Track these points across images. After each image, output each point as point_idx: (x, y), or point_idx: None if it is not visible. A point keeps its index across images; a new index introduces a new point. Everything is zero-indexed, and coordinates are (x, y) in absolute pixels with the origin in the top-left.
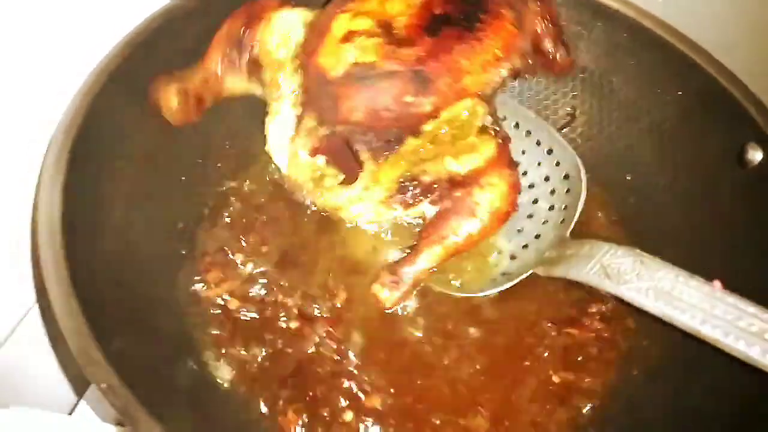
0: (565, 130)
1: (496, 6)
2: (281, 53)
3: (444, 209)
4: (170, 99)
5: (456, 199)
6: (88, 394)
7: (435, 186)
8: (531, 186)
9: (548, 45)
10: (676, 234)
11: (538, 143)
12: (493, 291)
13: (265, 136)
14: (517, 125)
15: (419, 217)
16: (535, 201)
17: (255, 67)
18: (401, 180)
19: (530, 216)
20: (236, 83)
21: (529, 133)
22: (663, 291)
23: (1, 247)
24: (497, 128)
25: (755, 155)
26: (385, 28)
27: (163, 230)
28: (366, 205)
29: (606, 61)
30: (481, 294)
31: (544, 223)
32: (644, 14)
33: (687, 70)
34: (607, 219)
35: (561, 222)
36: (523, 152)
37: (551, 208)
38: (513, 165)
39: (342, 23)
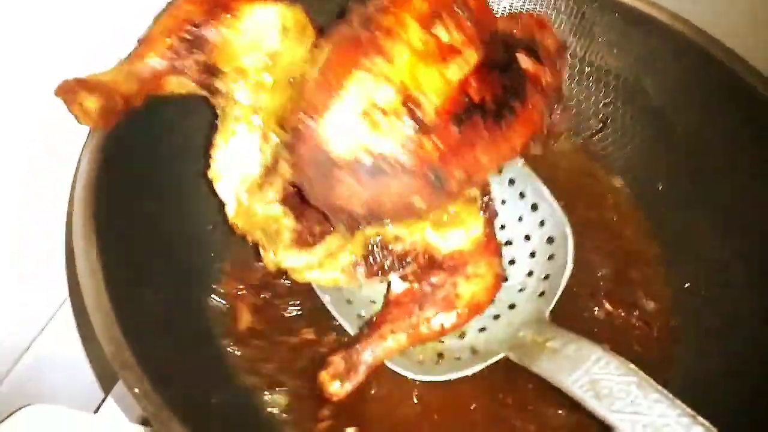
0: (596, 138)
1: (531, 93)
2: (247, 60)
3: (417, 291)
4: (87, 102)
5: (434, 285)
6: (115, 392)
7: (409, 260)
8: (508, 243)
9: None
10: (705, 247)
11: (522, 195)
12: (458, 374)
13: (208, 156)
14: (499, 170)
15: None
16: (512, 262)
17: (208, 72)
18: (370, 245)
19: (504, 279)
20: (179, 84)
21: (512, 182)
22: None
23: (35, 243)
24: (488, 202)
25: None
26: (412, 107)
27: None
28: (325, 272)
29: (638, 68)
30: (443, 378)
31: (520, 290)
32: (677, 18)
33: (723, 77)
34: (638, 229)
35: (539, 295)
36: (503, 202)
37: (530, 273)
38: (500, 251)
39: (362, 87)
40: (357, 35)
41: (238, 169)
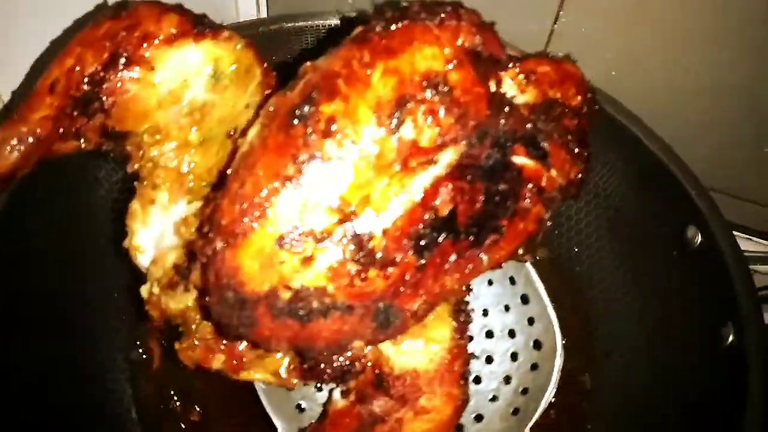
0: None
1: (529, 201)
2: (165, 115)
3: (357, 415)
4: None
5: (376, 415)
6: None
7: (353, 370)
8: (489, 335)
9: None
10: (610, 303)
11: (513, 281)
12: None
13: (125, 226)
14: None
15: None
16: (489, 360)
17: (111, 135)
18: None
19: (477, 381)
20: (73, 148)
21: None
22: None
23: None
24: (462, 307)
25: (695, 237)
26: (353, 230)
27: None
28: (254, 373)
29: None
30: None
31: (492, 399)
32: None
33: (638, 152)
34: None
35: (512, 413)
36: (490, 283)
37: (507, 379)
38: (466, 374)
39: (286, 202)
40: (291, 125)
41: (157, 243)
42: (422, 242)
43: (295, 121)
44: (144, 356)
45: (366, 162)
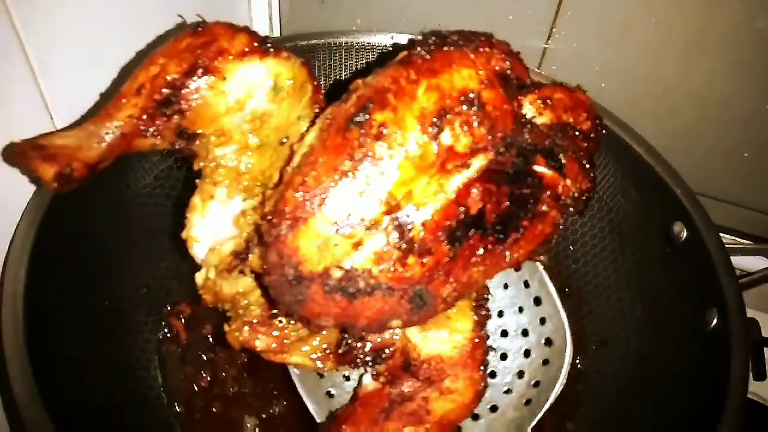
0: None
1: (546, 206)
2: (231, 120)
3: (386, 396)
4: (41, 169)
5: (404, 395)
6: None
7: (384, 356)
8: (503, 334)
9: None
10: (603, 296)
11: (527, 285)
12: None
13: (185, 218)
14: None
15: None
16: (504, 356)
17: (184, 135)
18: (344, 335)
19: (492, 375)
20: (152, 144)
21: (519, 267)
22: None
23: None
24: (482, 301)
25: (681, 233)
26: (397, 220)
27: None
28: (294, 356)
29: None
30: None
31: (506, 391)
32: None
33: (627, 156)
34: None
35: (525, 403)
36: (506, 287)
37: (520, 374)
38: (486, 362)
39: (342, 193)
40: (347, 129)
41: (213, 235)
42: (455, 235)
43: (352, 126)
44: (170, 338)
45: (410, 162)
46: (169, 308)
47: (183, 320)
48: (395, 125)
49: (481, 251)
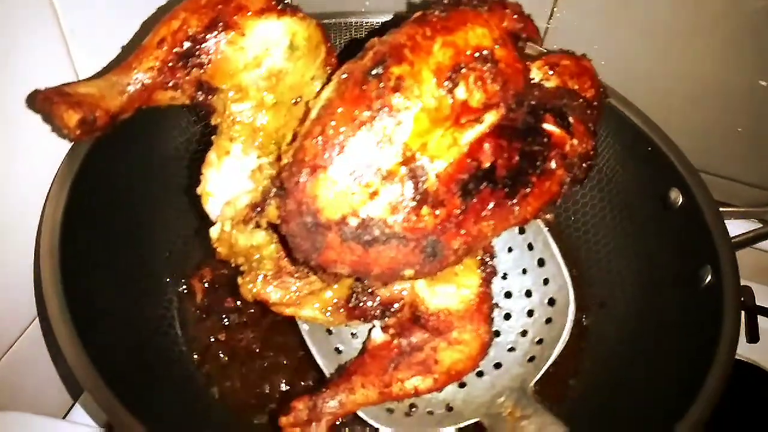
0: None
1: (554, 163)
2: (248, 77)
3: (396, 347)
4: (66, 116)
5: (413, 345)
6: (82, 399)
7: (393, 309)
8: (507, 295)
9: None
10: (603, 262)
11: (531, 247)
12: (428, 430)
13: (200, 175)
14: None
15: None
16: (507, 316)
17: (204, 88)
18: (354, 288)
19: (496, 334)
20: (171, 98)
21: (522, 231)
22: None
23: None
24: (488, 259)
25: (677, 199)
26: (413, 171)
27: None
28: (305, 309)
29: None
30: None
31: (510, 349)
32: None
33: (626, 127)
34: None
35: (528, 360)
36: (510, 250)
37: (524, 333)
38: (491, 315)
39: (360, 144)
40: (365, 81)
41: (228, 189)
42: (467, 188)
43: (370, 79)
44: (191, 299)
45: (426, 115)
46: (190, 272)
47: (205, 284)
48: (412, 78)
49: (491, 205)
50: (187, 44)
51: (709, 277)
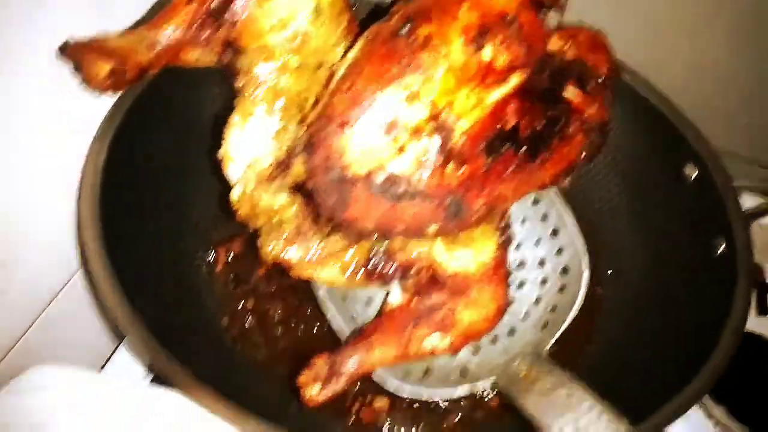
0: None
1: (573, 128)
2: (274, 39)
3: (414, 307)
4: (96, 66)
5: (432, 304)
6: (120, 350)
7: (412, 271)
8: (520, 264)
9: None
10: (616, 233)
11: (545, 217)
12: (443, 393)
13: (222, 137)
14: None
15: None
16: (521, 285)
17: (231, 47)
18: (374, 250)
19: (510, 302)
20: (198, 57)
21: (536, 201)
22: None
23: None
24: (505, 225)
25: (692, 172)
26: (440, 129)
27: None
28: (324, 271)
29: None
30: (426, 394)
31: (523, 318)
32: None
33: (641, 104)
34: None
35: (543, 327)
36: (524, 221)
37: (537, 300)
38: (507, 279)
39: (388, 100)
40: (393, 40)
41: (251, 152)
42: (490, 147)
43: (397, 37)
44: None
45: (453, 73)
46: (219, 241)
47: (232, 254)
48: (439, 38)
49: (513, 167)
50: (216, 2)
51: (723, 248)
